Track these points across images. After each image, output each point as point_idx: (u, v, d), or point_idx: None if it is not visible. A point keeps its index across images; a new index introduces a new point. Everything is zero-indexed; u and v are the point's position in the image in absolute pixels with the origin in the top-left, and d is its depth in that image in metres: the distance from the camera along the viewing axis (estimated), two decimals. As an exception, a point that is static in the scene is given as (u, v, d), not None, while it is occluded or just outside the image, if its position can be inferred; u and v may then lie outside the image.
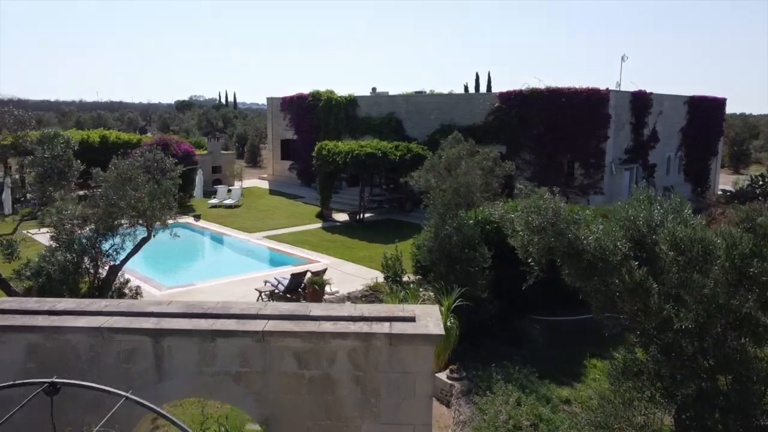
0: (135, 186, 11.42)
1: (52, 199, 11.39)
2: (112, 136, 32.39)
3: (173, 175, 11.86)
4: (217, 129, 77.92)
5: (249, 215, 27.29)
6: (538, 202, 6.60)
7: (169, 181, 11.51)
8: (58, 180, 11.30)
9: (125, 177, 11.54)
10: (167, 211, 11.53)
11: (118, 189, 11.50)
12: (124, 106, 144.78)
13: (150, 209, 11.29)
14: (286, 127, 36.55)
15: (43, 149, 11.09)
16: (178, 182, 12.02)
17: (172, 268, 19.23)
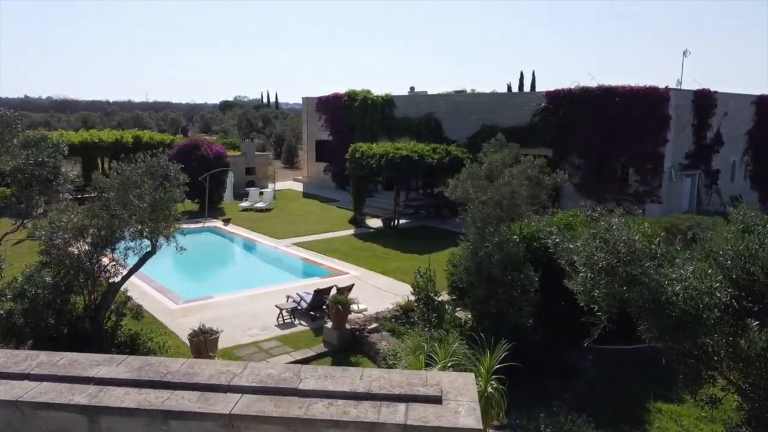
0: (140, 194, 10.22)
1: (36, 210, 10.28)
2: (146, 136, 31.81)
3: (178, 183, 10.60)
4: (257, 129, 77.73)
5: (280, 219, 26.16)
6: (605, 234, 5.00)
7: (174, 190, 10.25)
8: (43, 189, 10.17)
9: (130, 183, 10.36)
10: (170, 223, 10.24)
11: (121, 197, 10.32)
12: (169, 107, 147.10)
13: (152, 220, 10.05)
14: (321, 128, 35.40)
15: (27, 155, 9.96)
16: (184, 191, 10.75)
17: (193, 277, 18.18)
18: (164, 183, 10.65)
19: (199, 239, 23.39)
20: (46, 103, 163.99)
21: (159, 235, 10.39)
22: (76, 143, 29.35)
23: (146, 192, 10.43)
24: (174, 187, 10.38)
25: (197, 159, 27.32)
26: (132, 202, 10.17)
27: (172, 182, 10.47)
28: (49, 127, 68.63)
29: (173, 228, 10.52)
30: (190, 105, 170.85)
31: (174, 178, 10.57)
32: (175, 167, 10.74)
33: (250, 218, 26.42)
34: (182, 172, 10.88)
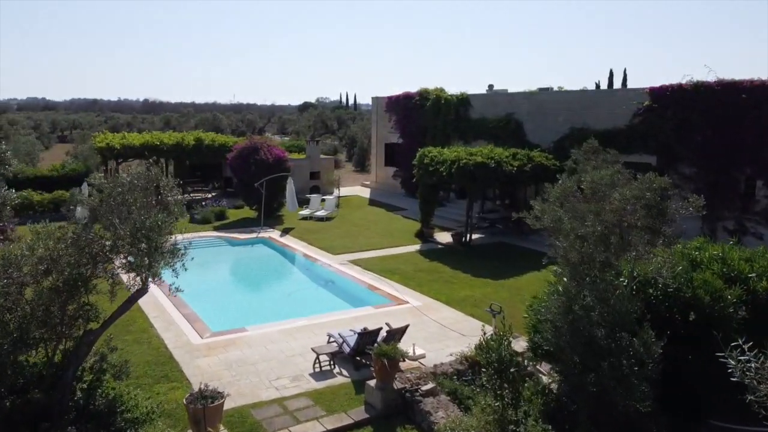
0: (124, 215, 7.96)
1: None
2: (207, 138, 30.38)
3: (174, 202, 8.25)
4: (331, 131, 76.44)
5: (340, 231, 23.76)
6: None
7: (161, 215, 7.91)
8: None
9: (114, 202, 8.13)
10: (159, 257, 7.90)
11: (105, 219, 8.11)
12: (252, 109, 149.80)
13: (136, 254, 7.75)
14: (390, 130, 32.85)
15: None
16: (181, 212, 8.40)
17: (230, 300, 15.99)
18: (161, 201, 8.36)
19: (249, 253, 21.35)
20: (139, 104, 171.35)
21: (147, 270, 8.06)
22: (137, 145, 28.27)
23: (139, 211, 8.16)
24: (165, 208, 8.01)
25: (256, 163, 25.42)
26: (116, 227, 7.90)
27: (163, 202, 8.12)
28: (130, 128, 70.08)
29: (163, 263, 8.15)
30: (271, 107, 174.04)
31: (169, 195, 8.22)
32: (171, 181, 8.39)
33: (309, 229, 24.18)
34: (179, 188, 8.51)
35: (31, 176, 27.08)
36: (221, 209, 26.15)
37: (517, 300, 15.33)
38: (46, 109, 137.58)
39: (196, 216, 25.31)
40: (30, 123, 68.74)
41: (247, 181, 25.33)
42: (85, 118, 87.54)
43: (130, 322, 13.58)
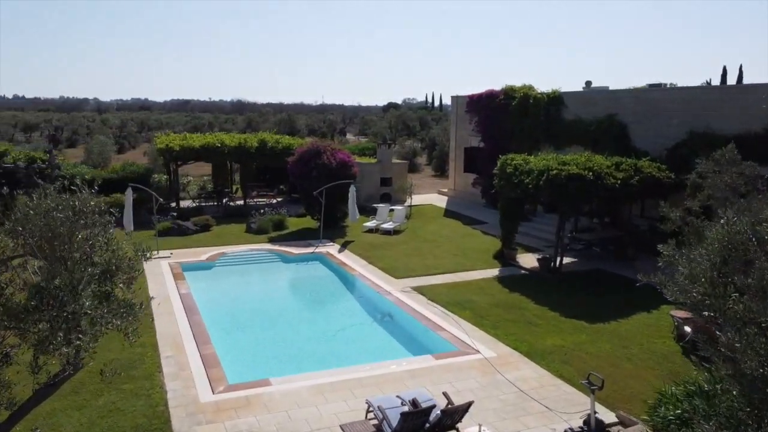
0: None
1: None
2: (271, 140, 28.30)
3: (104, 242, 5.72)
4: (412, 132, 73.66)
5: (406, 247, 20.82)
6: None
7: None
8: None
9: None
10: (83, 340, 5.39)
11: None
12: (336, 109, 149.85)
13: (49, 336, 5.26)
14: (471, 133, 29.55)
15: None
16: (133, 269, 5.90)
17: (262, 337, 13.34)
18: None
19: (301, 272, 18.84)
20: (228, 105, 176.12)
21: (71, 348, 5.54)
22: (196, 147, 26.59)
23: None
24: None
25: (317, 168, 22.97)
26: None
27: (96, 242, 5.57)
28: (211, 127, 70.41)
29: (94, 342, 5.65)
30: (356, 107, 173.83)
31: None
32: (95, 202, 5.88)
33: (372, 243, 21.40)
34: (111, 216, 5.97)
35: (90, 178, 25.92)
36: (280, 218, 23.89)
37: (621, 356, 11.83)
38: (142, 110, 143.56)
39: (253, 225, 23.17)
40: (117, 122, 70.45)
41: (308, 187, 22.92)
42: (174, 118, 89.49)
43: (137, 360, 11.30)
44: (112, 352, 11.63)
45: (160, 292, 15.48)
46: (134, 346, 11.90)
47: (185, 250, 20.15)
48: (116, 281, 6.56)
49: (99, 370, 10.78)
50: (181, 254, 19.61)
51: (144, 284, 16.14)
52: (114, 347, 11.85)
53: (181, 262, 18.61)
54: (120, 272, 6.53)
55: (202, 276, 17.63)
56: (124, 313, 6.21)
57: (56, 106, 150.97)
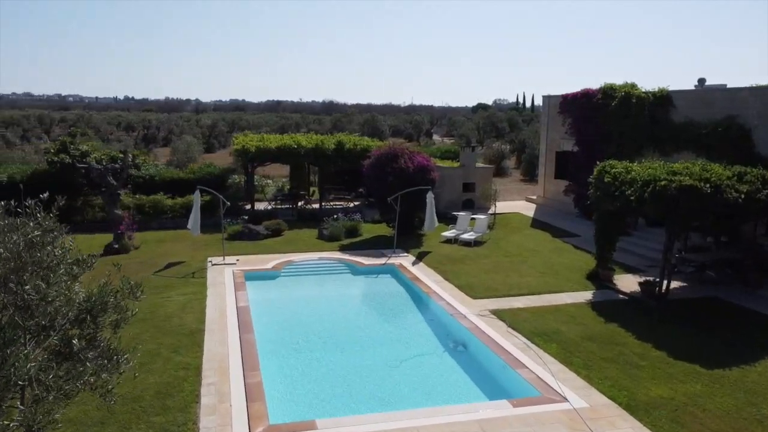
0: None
1: None
2: (349, 142, 27.14)
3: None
4: (501, 134, 70.88)
5: (487, 262, 18.90)
6: None
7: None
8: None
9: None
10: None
11: None
12: (424, 110, 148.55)
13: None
14: (564, 135, 27.07)
15: None
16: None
17: (315, 366, 11.86)
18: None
19: (369, 287, 17.39)
20: (319, 106, 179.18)
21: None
22: (273, 148, 25.85)
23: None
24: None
25: (394, 172, 21.50)
26: None
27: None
28: (297, 128, 70.82)
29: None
30: (445, 108, 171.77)
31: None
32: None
33: (449, 256, 19.63)
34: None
35: (167, 178, 25.80)
36: (353, 224, 22.59)
37: (750, 417, 9.49)
38: (237, 110, 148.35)
39: (324, 231, 22.02)
40: (208, 122, 72.33)
41: (383, 193, 21.48)
42: (265, 119, 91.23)
43: (176, 387, 10.19)
44: (153, 374, 10.63)
45: (217, 305, 14.50)
46: (177, 368, 10.91)
47: (252, 257, 19.25)
48: (102, 323, 5.25)
49: (132, 397, 9.87)
50: (248, 261, 18.71)
51: (202, 294, 15.26)
52: (156, 368, 10.89)
53: (246, 269, 17.67)
54: (104, 312, 5.20)
55: (264, 287, 16.57)
56: (100, 367, 4.84)
57: (159, 107, 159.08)
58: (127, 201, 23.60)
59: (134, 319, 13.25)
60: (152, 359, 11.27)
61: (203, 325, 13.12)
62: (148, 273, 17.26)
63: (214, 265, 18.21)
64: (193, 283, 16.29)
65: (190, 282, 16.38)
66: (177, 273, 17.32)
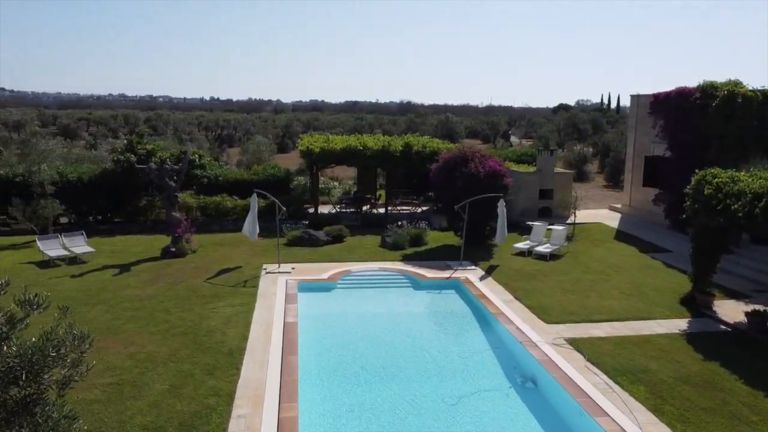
0: None
1: None
2: (418, 143, 25.78)
3: None
4: (584, 136, 67.36)
5: (565, 279, 17.00)
6: None
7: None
8: None
9: None
10: None
11: None
12: (502, 111, 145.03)
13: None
14: (655, 139, 24.53)
15: None
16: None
17: (360, 399, 10.47)
18: None
19: (431, 304, 15.89)
20: (396, 106, 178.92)
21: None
22: (337, 150, 24.86)
23: None
24: None
25: (462, 178, 19.94)
26: None
27: None
28: (371, 129, 70.06)
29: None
30: (524, 109, 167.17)
31: None
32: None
33: (522, 271, 17.86)
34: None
35: (230, 179, 25.31)
36: (418, 232, 21.17)
37: None
38: (315, 110, 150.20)
39: (387, 239, 20.73)
40: (283, 122, 72.84)
41: (450, 199, 19.95)
42: (341, 119, 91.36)
43: (203, 418, 9.15)
44: (181, 400, 9.65)
45: (264, 319, 13.48)
46: (208, 394, 9.91)
47: (309, 265, 18.23)
48: (42, 382, 4.11)
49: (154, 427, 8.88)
50: (303, 269, 17.69)
51: (251, 306, 14.30)
52: (186, 393, 9.90)
53: (300, 279, 16.64)
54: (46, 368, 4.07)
55: (317, 300, 15.45)
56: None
57: (240, 107, 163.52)
58: (189, 202, 23.25)
59: (176, 332, 12.50)
60: (184, 382, 10.32)
61: (245, 342, 12.11)
62: (200, 280, 16.56)
63: (268, 273, 17.30)
64: (243, 293, 15.38)
65: (240, 292, 15.49)
66: (228, 281, 16.51)
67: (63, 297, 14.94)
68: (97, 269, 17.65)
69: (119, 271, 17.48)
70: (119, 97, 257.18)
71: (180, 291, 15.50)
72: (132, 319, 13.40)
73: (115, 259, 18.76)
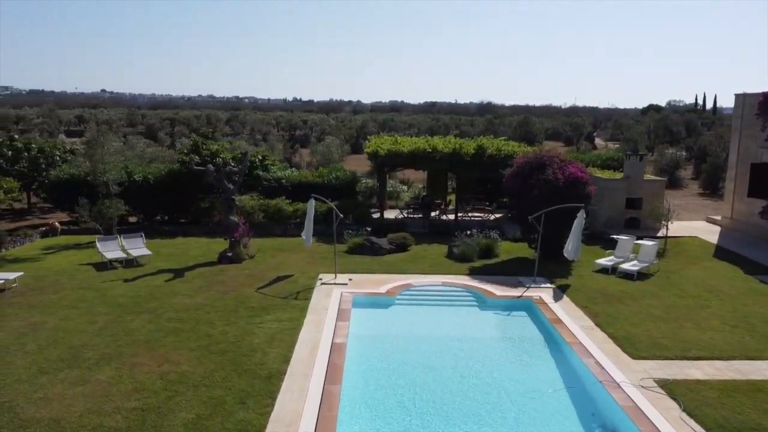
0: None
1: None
2: (492, 146, 24.02)
3: None
4: (676, 139, 62.83)
5: (655, 304, 14.87)
6: None
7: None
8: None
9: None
10: None
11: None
12: (587, 111, 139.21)
13: None
14: (764, 144, 21.63)
15: None
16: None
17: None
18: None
19: (497, 327, 14.19)
20: (474, 107, 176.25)
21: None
22: (405, 152, 23.53)
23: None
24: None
25: (539, 185, 18.08)
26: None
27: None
28: (446, 129, 68.28)
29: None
30: (611, 110, 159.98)
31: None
32: None
33: (604, 292, 15.85)
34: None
35: (294, 181, 24.50)
36: (488, 243, 19.50)
37: None
38: (393, 111, 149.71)
39: (455, 250, 19.19)
40: (359, 123, 72.33)
41: (525, 208, 18.15)
42: (416, 119, 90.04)
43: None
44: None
45: (311, 338, 12.33)
46: (236, 428, 8.75)
47: (368, 276, 16.99)
48: None
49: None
50: (361, 281, 16.47)
51: (299, 322, 13.19)
52: (212, 426, 8.84)
53: (356, 292, 15.42)
54: None
55: (371, 317, 14.15)
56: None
57: (320, 108, 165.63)
58: (251, 204, 22.60)
59: (216, 349, 11.50)
60: (213, 411, 9.27)
61: (286, 366, 10.97)
62: (251, 289, 15.67)
63: (323, 284, 16.19)
64: (293, 306, 14.32)
65: (290, 305, 14.43)
66: (280, 291, 15.52)
67: (111, 303, 14.44)
68: (151, 273, 17.15)
69: (173, 276, 16.89)
70: (207, 98, 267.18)
71: (228, 301, 14.63)
72: (173, 332, 12.60)
73: (172, 263, 18.25)
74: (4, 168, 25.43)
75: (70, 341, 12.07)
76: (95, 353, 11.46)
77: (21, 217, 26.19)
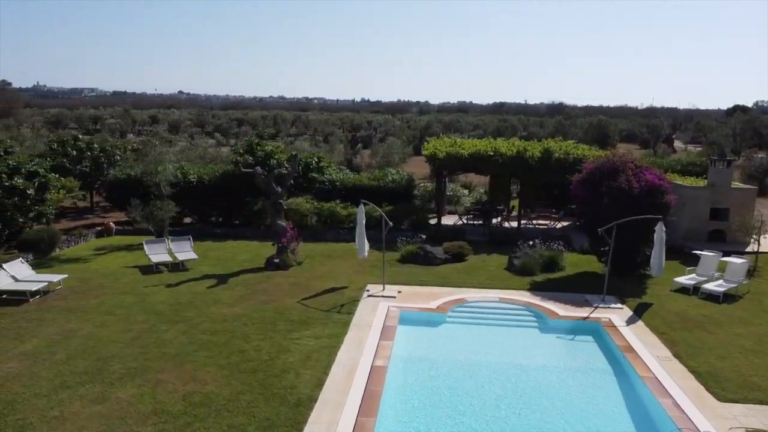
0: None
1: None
2: (559, 150, 22.31)
3: None
4: (766, 142, 58.20)
5: (745, 333, 12.98)
6: None
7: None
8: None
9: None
10: None
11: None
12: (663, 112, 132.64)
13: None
14: None
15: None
16: None
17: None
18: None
19: (559, 353, 12.65)
20: (544, 108, 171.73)
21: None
22: (465, 155, 22.20)
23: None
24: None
25: (610, 193, 16.36)
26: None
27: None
28: (514, 130, 65.99)
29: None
30: (691, 111, 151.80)
31: None
32: None
33: (684, 315, 14.03)
34: None
35: (348, 184, 23.61)
36: (552, 255, 17.92)
37: None
38: (460, 111, 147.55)
39: (515, 262, 17.73)
40: (422, 124, 71.07)
41: (595, 219, 16.50)
42: (484, 120, 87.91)
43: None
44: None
45: (350, 359, 11.28)
46: (253, 467, 7.76)
47: (419, 289, 15.82)
48: None
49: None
50: (411, 294, 15.31)
51: (339, 340, 12.18)
52: (227, 462, 7.87)
53: (404, 306, 14.29)
54: None
55: (418, 336, 12.97)
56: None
57: (387, 109, 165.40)
58: (305, 207, 21.86)
59: (246, 367, 10.60)
60: (230, 444, 8.36)
61: (318, 391, 9.96)
62: (293, 300, 14.81)
63: (370, 296, 15.15)
64: (335, 321, 13.33)
65: (332, 319, 13.45)
66: (324, 303, 14.57)
67: (149, 310, 13.92)
68: (195, 279, 16.62)
69: (216, 282, 16.29)
70: (278, 98, 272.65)
71: (268, 313, 13.81)
72: (206, 345, 11.86)
73: (217, 268, 17.69)
74: (67, 167, 25.81)
75: (100, 351, 11.53)
76: (121, 366, 10.84)
77: (81, 216, 26.56)
